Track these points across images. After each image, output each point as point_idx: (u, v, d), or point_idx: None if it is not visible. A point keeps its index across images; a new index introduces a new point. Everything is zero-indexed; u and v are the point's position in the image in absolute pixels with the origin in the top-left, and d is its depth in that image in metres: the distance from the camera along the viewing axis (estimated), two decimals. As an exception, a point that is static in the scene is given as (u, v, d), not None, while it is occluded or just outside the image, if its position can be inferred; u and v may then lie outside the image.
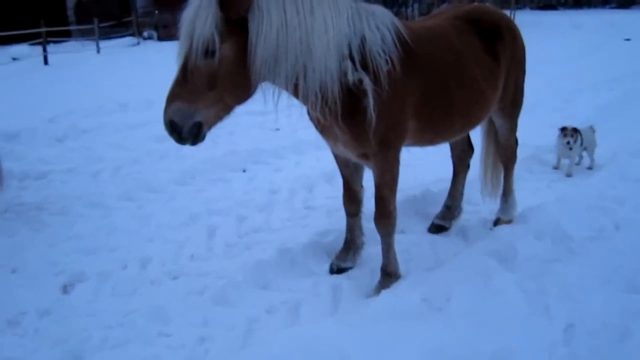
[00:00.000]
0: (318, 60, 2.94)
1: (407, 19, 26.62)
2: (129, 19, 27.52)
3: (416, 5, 31.57)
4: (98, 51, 21.99)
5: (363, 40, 3.13)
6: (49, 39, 19.79)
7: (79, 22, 27.47)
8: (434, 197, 5.09)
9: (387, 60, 3.17)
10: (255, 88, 3.02)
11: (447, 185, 4.80)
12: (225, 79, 2.86)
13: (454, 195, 4.70)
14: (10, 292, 3.84)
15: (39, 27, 18.82)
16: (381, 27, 3.21)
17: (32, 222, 5.01)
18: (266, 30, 2.81)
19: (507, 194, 4.64)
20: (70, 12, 29.15)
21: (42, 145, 7.44)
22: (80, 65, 17.33)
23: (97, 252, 4.42)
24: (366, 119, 3.17)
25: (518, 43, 4.22)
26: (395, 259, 3.77)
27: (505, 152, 4.58)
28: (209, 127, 2.99)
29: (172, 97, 2.86)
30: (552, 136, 6.20)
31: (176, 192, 5.78)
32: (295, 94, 3.12)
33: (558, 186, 5.66)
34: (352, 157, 3.56)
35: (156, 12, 27.44)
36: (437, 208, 4.77)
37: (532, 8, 51.66)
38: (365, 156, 3.46)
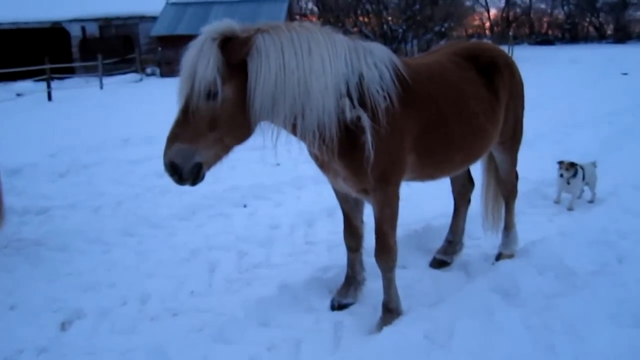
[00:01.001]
0: (316, 101, 2.99)
1: (406, 54, 27.00)
2: (133, 55, 27.96)
3: (415, 42, 32.02)
4: (101, 87, 22.27)
5: (361, 78, 3.17)
6: (53, 75, 20.07)
7: (83, 59, 27.89)
8: (435, 232, 5.06)
9: (385, 97, 3.20)
10: (254, 128, 3.06)
11: (448, 220, 4.79)
12: (226, 121, 2.90)
13: (455, 230, 4.68)
14: (8, 329, 3.79)
15: (43, 63, 19.08)
16: (379, 64, 3.25)
17: (31, 257, 4.99)
18: (265, 73, 2.87)
19: (508, 228, 4.62)
20: (74, 49, 29.63)
21: (44, 180, 7.47)
22: (84, 101, 17.53)
23: (96, 288, 4.38)
24: (364, 155, 3.18)
25: (516, 78, 4.27)
26: (397, 295, 3.73)
27: (505, 187, 4.58)
28: (209, 168, 3.01)
29: (173, 138, 2.88)
30: (553, 170, 6.21)
31: (176, 228, 5.76)
32: (294, 132, 3.14)
33: (560, 220, 5.64)
34: (351, 192, 3.57)
35: (159, 49, 27.88)
36: (439, 243, 4.74)
37: (530, 43, 52.47)
38: (364, 191, 3.46)
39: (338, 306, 3.96)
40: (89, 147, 9.23)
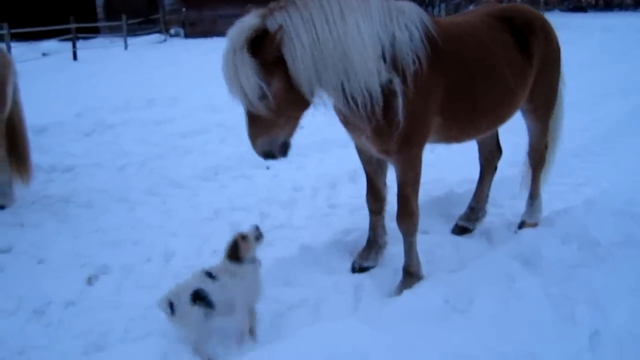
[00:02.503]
0: (357, 64, 3.01)
1: (433, 19, 26.41)
2: (157, 16, 27.85)
3: (443, 6, 31.33)
4: (126, 47, 22.29)
5: (393, 40, 3.14)
6: (78, 35, 20.12)
7: (107, 19, 27.84)
8: (458, 199, 5.04)
9: (414, 60, 3.17)
10: (313, 96, 3.14)
11: (472, 186, 4.76)
12: (285, 106, 3.07)
13: (479, 197, 4.65)
14: (37, 282, 3.90)
15: (68, 23, 19.12)
16: (410, 25, 3.22)
17: (58, 214, 5.09)
18: (300, 51, 2.93)
19: (533, 197, 4.57)
20: (99, 9, 29.57)
21: (70, 139, 7.55)
22: (108, 61, 17.58)
23: (121, 245, 4.46)
24: (391, 117, 3.17)
25: (552, 44, 4.15)
26: (418, 259, 3.74)
27: (534, 155, 4.52)
28: (292, 137, 3.28)
29: (254, 135, 3.16)
30: (580, 139, 6.10)
31: (200, 188, 5.82)
32: (344, 97, 3.14)
33: (585, 190, 5.56)
34: (373, 152, 3.55)
35: (183, 9, 27.71)
36: (461, 209, 4.72)
37: (561, 10, 50.95)
38: (386, 152, 3.45)
39: (359, 268, 3.99)
40: (114, 107, 9.30)
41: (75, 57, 18.66)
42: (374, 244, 4.07)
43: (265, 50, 2.89)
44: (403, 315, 3.15)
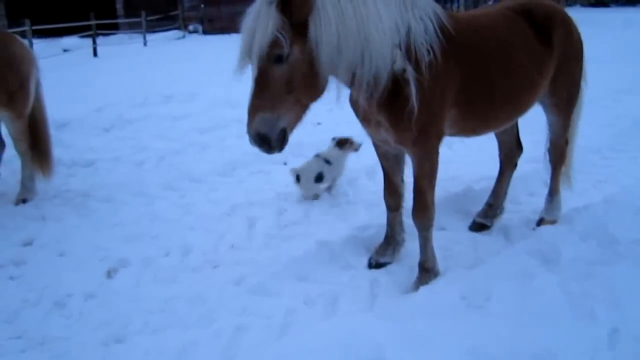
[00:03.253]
0: (375, 48, 2.97)
1: (452, 15, 26.24)
2: (176, 12, 28.03)
3: (462, 1, 31.09)
4: (145, 44, 22.49)
5: (409, 30, 3.14)
6: (98, 31, 20.35)
7: (127, 16, 28.10)
8: (476, 195, 5.01)
9: (428, 51, 3.17)
10: (326, 83, 3.06)
11: (490, 183, 4.73)
12: (300, 80, 2.91)
13: (497, 194, 4.62)
14: (58, 274, 3.97)
15: (89, 20, 19.33)
16: (424, 17, 3.21)
17: (79, 208, 5.17)
18: (325, 25, 2.84)
19: (553, 193, 4.53)
20: (119, 6, 29.84)
21: (90, 134, 7.66)
22: (128, 57, 17.75)
23: (140, 239, 4.52)
24: (407, 106, 3.16)
25: (574, 38, 4.12)
26: (434, 255, 3.73)
27: (554, 151, 4.47)
28: (291, 130, 3.04)
29: (254, 109, 2.90)
30: (600, 136, 6.02)
31: (217, 183, 5.86)
32: (352, 82, 3.11)
33: (605, 187, 5.49)
34: (391, 144, 3.54)
35: (202, 6, 27.84)
36: (479, 206, 4.69)
37: (583, 5, 50.22)
38: (403, 143, 3.44)
39: (375, 264, 3.99)
40: (133, 103, 9.38)
41: (95, 53, 18.87)
42: (391, 240, 4.07)
43: (295, 9, 2.79)
44: (419, 311, 3.15)
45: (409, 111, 3.17)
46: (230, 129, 7.79)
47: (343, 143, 5.39)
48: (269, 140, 2.94)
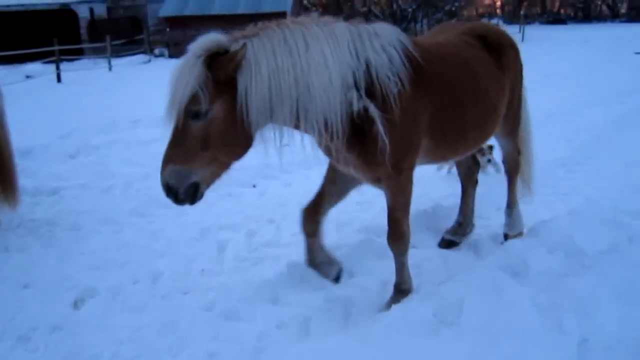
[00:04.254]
0: (319, 98, 2.87)
1: (416, 35, 26.75)
2: (141, 36, 27.89)
3: (425, 21, 31.71)
4: (110, 69, 22.27)
5: (369, 65, 3.03)
6: (62, 57, 20.07)
7: (91, 41, 27.86)
8: (445, 212, 5.06)
9: (396, 82, 3.08)
10: (252, 142, 2.98)
11: (457, 199, 4.78)
12: (218, 139, 2.84)
13: (465, 212, 4.67)
14: (22, 307, 3.85)
15: (52, 45, 19.09)
16: (387, 47, 3.11)
17: (44, 237, 5.04)
18: (256, 80, 2.77)
19: (511, 206, 4.60)
20: (83, 31, 29.58)
21: (55, 161, 7.51)
22: (93, 82, 17.55)
23: (108, 267, 4.43)
24: (377, 145, 3.07)
25: (519, 60, 4.27)
26: (410, 277, 3.74)
27: (509, 165, 4.61)
28: (207, 186, 2.99)
29: (167, 160, 2.87)
30: (564, 149, 6.16)
31: (186, 208, 5.73)
32: (298, 129, 3.06)
33: (571, 200, 5.61)
34: (365, 181, 3.52)
35: (167, 30, 27.78)
36: (448, 222, 4.74)
37: (541, 22, 51.73)
38: (377, 180, 3.39)
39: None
40: (99, 128, 9.26)
41: (59, 79, 18.59)
42: (311, 263, 3.97)
43: (220, 66, 2.74)
44: (393, 330, 3.14)
45: (380, 150, 3.07)
46: (199, 152, 7.72)
47: None
48: (176, 192, 2.90)
